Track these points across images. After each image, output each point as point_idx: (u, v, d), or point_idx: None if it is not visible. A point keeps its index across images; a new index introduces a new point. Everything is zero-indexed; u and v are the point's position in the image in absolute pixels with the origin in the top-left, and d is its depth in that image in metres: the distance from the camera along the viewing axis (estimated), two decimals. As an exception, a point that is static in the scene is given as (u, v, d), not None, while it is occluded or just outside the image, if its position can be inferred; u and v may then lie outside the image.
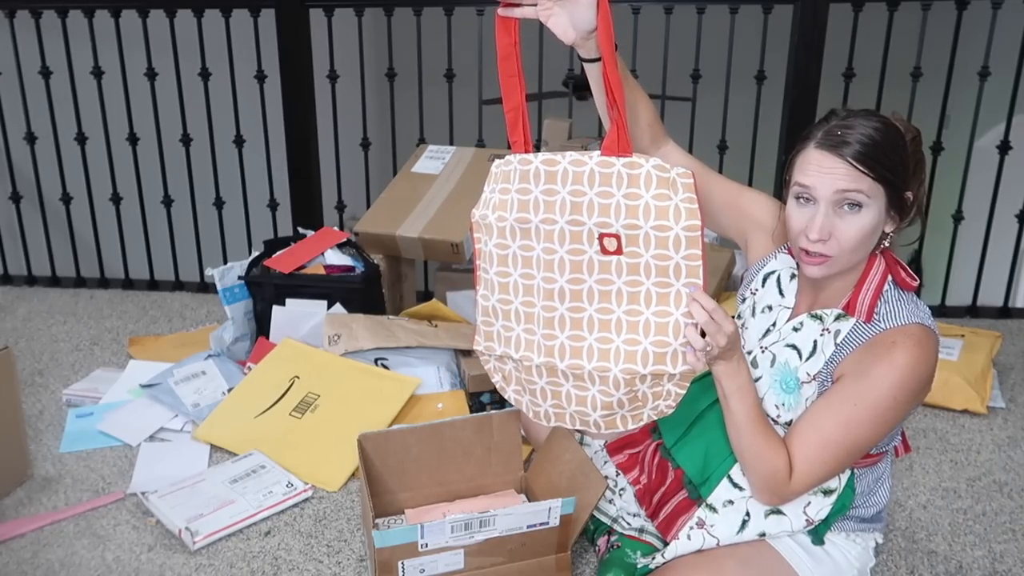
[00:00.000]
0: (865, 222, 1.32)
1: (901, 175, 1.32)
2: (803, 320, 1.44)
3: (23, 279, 3.21)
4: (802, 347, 1.42)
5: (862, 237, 1.33)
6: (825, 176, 1.31)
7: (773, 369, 1.45)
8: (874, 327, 1.36)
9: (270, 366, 2.25)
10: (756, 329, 1.52)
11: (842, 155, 1.30)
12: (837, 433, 1.35)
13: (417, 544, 1.48)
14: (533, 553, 1.56)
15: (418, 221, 2.56)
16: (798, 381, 1.42)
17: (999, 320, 2.81)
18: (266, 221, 3.20)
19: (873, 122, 1.32)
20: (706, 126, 2.98)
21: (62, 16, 2.97)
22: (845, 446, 1.35)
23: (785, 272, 1.51)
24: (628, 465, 1.65)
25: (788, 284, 1.50)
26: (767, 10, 2.77)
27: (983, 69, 2.70)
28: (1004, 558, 1.72)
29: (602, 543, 1.65)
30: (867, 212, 1.31)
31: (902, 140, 1.33)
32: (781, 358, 1.44)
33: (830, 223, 1.32)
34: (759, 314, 1.53)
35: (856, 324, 1.38)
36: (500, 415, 1.78)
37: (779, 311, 1.49)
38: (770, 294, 1.52)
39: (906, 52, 2.72)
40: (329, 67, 2.97)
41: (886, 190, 1.32)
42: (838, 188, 1.30)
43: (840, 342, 1.38)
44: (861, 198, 1.30)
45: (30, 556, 1.72)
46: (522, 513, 1.51)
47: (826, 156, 1.31)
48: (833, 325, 1.40)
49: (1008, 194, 2.83)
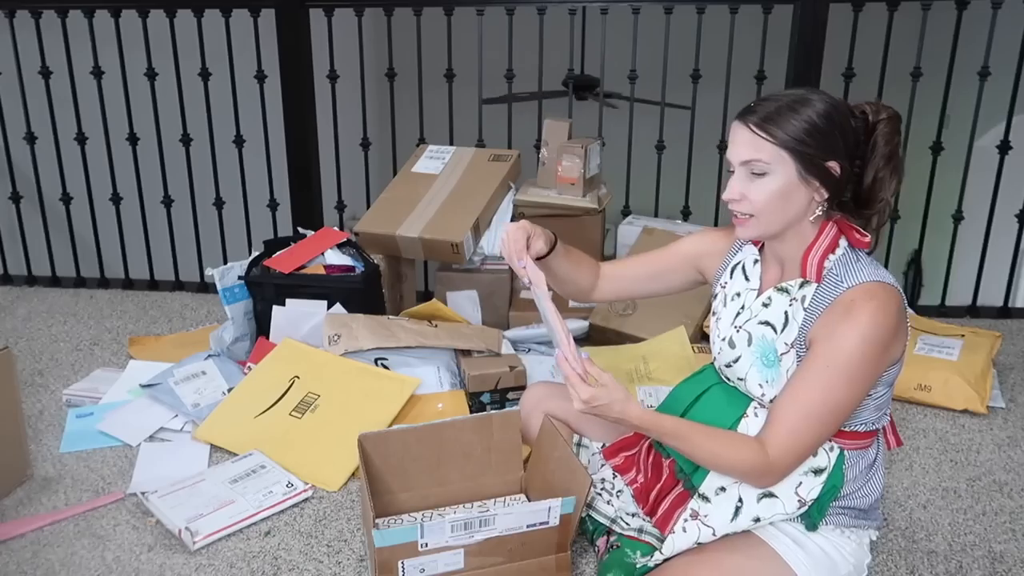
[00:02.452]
0: (772, 186, 1.41)
1: (812, 144, 1.38)
2: (770, 295, 1.50)
3: (23, 279, 3.21)
4: (775, 321, 1.48)
5: (771, 199, 1.41)
6: (734, 146, 1.44)
7: (751, 348, 1.50)
8: (835, 288, 1.42)
9: (270, 366, 2.25)
10: (727, 316, 1.58)
11: (746, 123, 1.42)
12: (814, 398, 1.39)
13: (417, 544, 1.48)
14: (533, 553, 1.55)
15: (418, 221, 2.56)
16: (777, 353, 1.46)
17: (999, 320, 2.81)
18: (266, 221, 3.20)
19: (795, 94, 1.42)
20: (706, 126, 2.98)
21: (62, 16, 2.97)
22: (825, 411, 1.40)
23: (749, 259, 1.59)
24: (625, 467, 1.67)
25: (752, 269, 1.58)
26: (767, 10, 2.77)
27: (983, 69, 2.70)
28: (1004, 558, 1.72)
29: (601, 544, 1.65)
30: (773, 177, 1.40)
31: (828, 111, 1.39)
32: (757, 334, 1.50)
33: (742, 186, 1.43)
34: (729, 303, 1.59)
35: (817, 287, 1.44)
36: (500, 415, 1.78)
37: (746, 294, 1.56)
38: (737, 283, 1.59)
39: (906, 52, 2.72)
40: (329, 67, 2.97)
41: (792, 156, 1.38)
42: (742, 158, 1.42)
43: (808, 306, 1.44)
44: (761, 165, 1.40)
45: (30, 556, 1.72)
46: (522, 513, 1.51)
47: (736, 126, 1.44)
48: (799, 293, 1.46)
49: (1008, 194, 2.83)
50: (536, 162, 2.77)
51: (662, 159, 2.99)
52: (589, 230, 2.67)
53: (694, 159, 2.97)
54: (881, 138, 1.42)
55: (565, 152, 2.63)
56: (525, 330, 2.46)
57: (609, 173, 2.91)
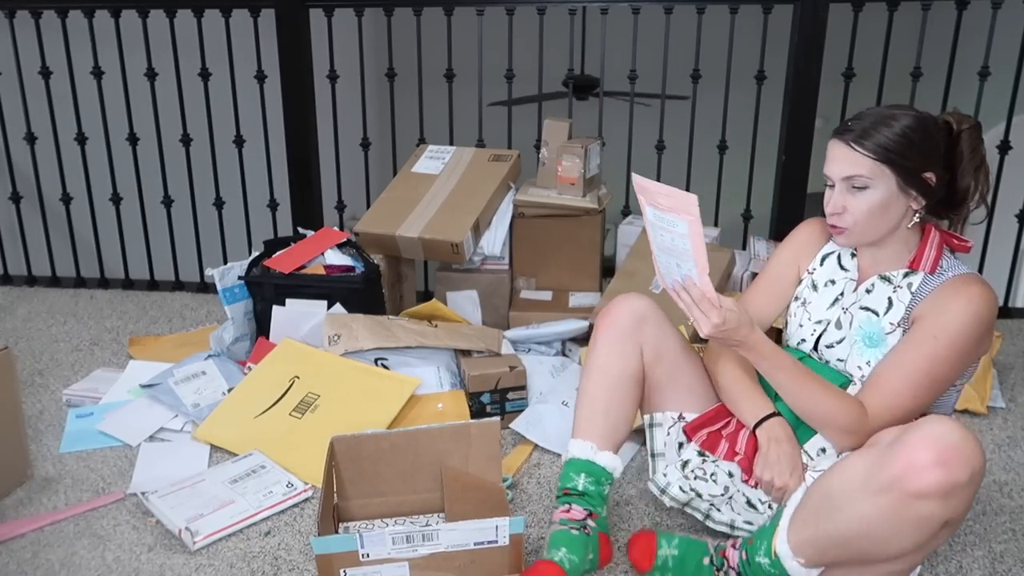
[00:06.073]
0: (873, 199, 1.50)
1: (911, 156, 1.48)
2: (874, 282, 1.60)
3: (23, 279, 3.21)
4: (877, 307, 1.57)
5: (872, 211, 1.51)
6: (833, 163, 1.53)
7: (853, 329, 1.59)
8: (940, 277, 1.53)
9: (270, 366, 2.25)
10: (821, 301, 1.67)
11: (845, 140, 1.50)
12: (919, 365, 1.47)
13: (358, 553, 1.47)
14: (484, 572, 1.52)
15: (418, 221, 2.56)
16: (883, 332, 1.55)
17: (999, 320, 2.81)
18: (266, 221, 3.20)
19: (886, 111, 1.51)
20: (706, 126, 2.98)
21: (62, 16, 2.97)
22: (928, 379, 1.48)
23: (845, 251, 1.68)
24: (711, 444, 1.66)
25: (850, 260, 1.67)
26: (767, 10, 2.77)
27: (983, 69, 2.70)
28: (1004, 558, 1.72)
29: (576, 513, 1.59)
30: (874, 191, 1.50)
31: (919, 125, 1.49)
32: (861, 317, 1.58)
33: (842, 200, 1.53)
34: (822, 288, 1.68)
35: (925, 276, 1.54)
36: (479, 424, 1.77)
37: (844, 282, 1.65)
38: (831, 270, 1.68)
39: (906, 52, 2.72)
40: (329, 67, 2.97)
41: (892, 170, 1.48)
42: (843, 175, 1.51)
43: (915, 291, 1.54)
44: (863, 180, 1.50)
45: (30, 556, 1.72)
46: (467, 530, 1.49)
47: (834, 143, 1.53)
48: (903, 281, 1.56)
49: (1008, 194, 2.82)
50: (536, 162, 2.77)
51: (662, 159, 2.99)
52: (589, 230, 2.67)
53: (694, 159, 2.97)
54: (967, 146, 1.53)
55: (565, 152, 2.63)
56: (525, 330, 2.46)
57: (609, 173, 2.91)
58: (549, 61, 2.94)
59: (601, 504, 1.62)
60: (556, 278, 2.72)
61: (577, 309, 2.60)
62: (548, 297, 2.70)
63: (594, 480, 1.61)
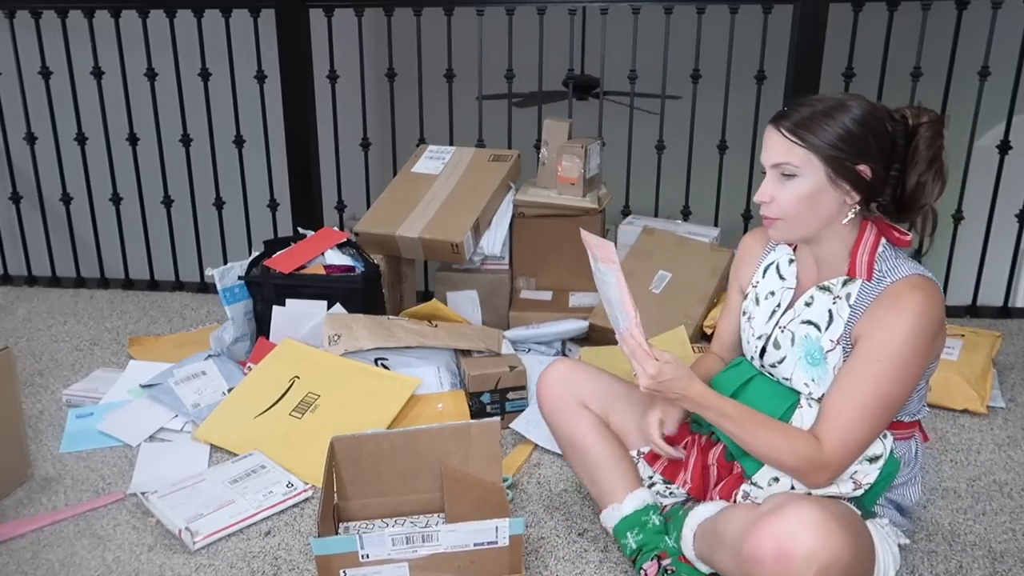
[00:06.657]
0: (801, 189, 1.44)
1: (843, 147, 1.41)
2: (812, 294, 1.52)
3: (23, 279, 3.21)
4: (818, 320, 1.50)
5: (799, 201, 1.45)
6: (766, 149, 1.47)
7: (795, 347, 1.52)
8: (879, 284, 1.44)
9: (270, 366, 2.25)
10: (762, 314, 1.60)
11: (777, 127, 1.45)
12: (867, 391, 1.40)
13: (358, 554, 1.47)
14: (484, 572, 1.53)
15: (418, 221, 2.56)
16: (823, 351, 1.48)
17: (999, 320, 2.82)
18: (266, 221, 3.20)
19: (832, 99, 1.44)
20: (706, 126, 2.98)
21: (62, 16, 2.97)
22: (879, 401, 1.41)
23: (783, 259, 1.61)
24: (671, 472, 1.66)
25: (787, 268, 1.60)
26: (767, 10, 2.77)
27: (983, 69, 2.70)
28: (1004, 558, 1.72)
29: (649, 569, 1.59)
30: (803, 180, 1.43)
31: (864, 116, 1.41)
32: (800, 333, 1.51)
33: (771, 189, 1.47)
34: (763, 301, 1.61)
35: (863, 284, 1.46)
36: (479, 424, 1.77)
37: (782, 293, 1.58)
38: (771, 281, 1.61)
39: (906, 52, 2.72)
40: (329, 67, 2.97)
41: (821, 160, 1.41)
42: (772, 161, 1.46)
43: (853, 303, 1.46)
44: (791, 168, 1.43)
45: (30, 556, 1.72)
46: (467, 531, 1.49)
47: (769, 131, 1.47)
48: (842, 291, 1.48)
49: (1008, 194, 2.83)
50: (536, 162, 2.77)
51: (662, 159, 2.99)
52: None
53: (694, 159, 2.97)
54: (923, 142, 1.46)
55: (565, 152, 2.63)
56: (525, 330, 2.47)
57: (609, 173, 2.91)
58: (549, 61, 2.94)
59: (660, 538, 1.61)
60: (556, 278, 2.72)
61: (577, 309, 2.60)
62: (548, 297, 2.70)
63: (639, 528, 1.62)
